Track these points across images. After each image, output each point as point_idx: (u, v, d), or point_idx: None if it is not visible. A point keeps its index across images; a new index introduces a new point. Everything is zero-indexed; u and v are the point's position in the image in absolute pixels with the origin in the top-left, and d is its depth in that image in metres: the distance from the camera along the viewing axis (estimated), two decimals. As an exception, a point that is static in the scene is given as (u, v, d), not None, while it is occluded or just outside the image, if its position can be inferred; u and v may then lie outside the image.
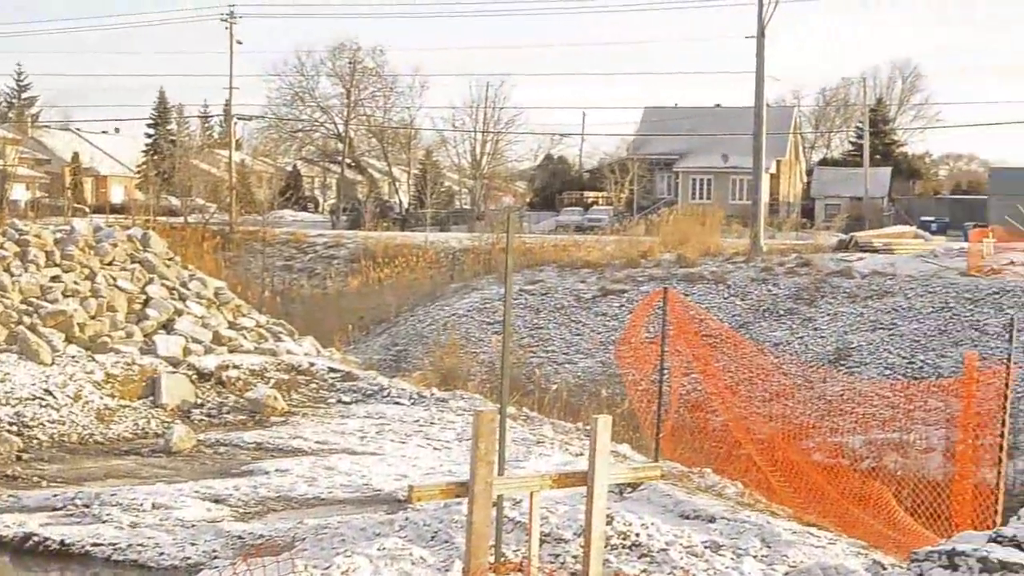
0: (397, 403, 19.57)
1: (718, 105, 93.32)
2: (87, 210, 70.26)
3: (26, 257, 21.83)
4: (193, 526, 11.82)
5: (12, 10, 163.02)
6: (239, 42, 76.90)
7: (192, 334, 21.31)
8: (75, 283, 21.63)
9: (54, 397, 17.73)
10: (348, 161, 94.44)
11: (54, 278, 21.66)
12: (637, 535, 10.60)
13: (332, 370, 21.45)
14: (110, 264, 22.57)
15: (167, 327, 21.49)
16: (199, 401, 18.85)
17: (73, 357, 19.40)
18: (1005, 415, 11.82)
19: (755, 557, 10.44)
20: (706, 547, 10.55)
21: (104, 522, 11.99)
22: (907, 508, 13.81)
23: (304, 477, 14.08)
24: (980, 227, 60.73)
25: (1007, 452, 12.09)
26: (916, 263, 45.50)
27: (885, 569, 9.10)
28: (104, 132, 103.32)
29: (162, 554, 10.98)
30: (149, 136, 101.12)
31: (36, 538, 11.56)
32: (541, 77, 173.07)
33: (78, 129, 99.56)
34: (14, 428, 16.38)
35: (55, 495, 13.20)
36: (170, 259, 24.17)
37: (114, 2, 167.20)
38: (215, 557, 10.78)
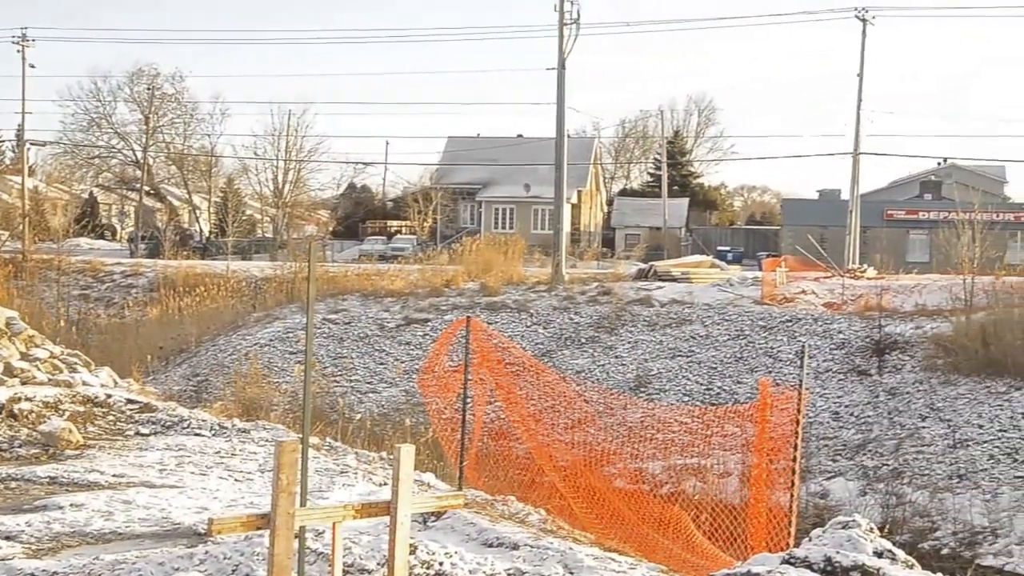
0: (198, 434, 19.19)
1: (520, 135, 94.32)
2: None
3: None
4: (-18, 565, 11.41)
5: None
6: (32, 66, 74.87)
7: (-18, 366, 20.60)
8: None
9: None
10: (147, 188, 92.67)
11: None
12: (441, 564, 10.59)
13: (130, 401, 20.92)
14: None
15: (-45, 359, 20.74)
16: (-11, 435, 18.22)
17: None
18: (797, 439, 12.13)
19: (558, 583, 10.51)
20: (509, 575, 10.59)
21: None
22: (705, 532, 14.08)
23: (100, 511, 13.69)
24: (773, 257, 62.70)
25: (799, 475, 12.41)
26: (713, 292, 46.64)
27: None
28: None
29: (-52, 595, 10.57)
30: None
31: None
32: (344, 106, 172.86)
33: None
34: None
35: None
36: (-41, 288, 23.36)
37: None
38: (5, 596, 10.42)
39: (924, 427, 30.96)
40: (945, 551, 24.05)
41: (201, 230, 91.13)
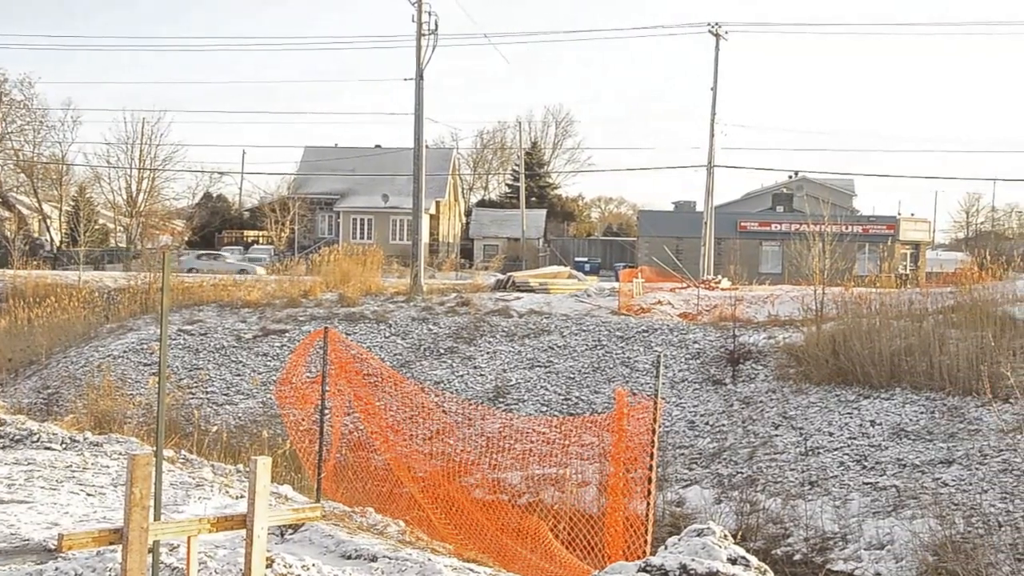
0: (48, 448, 18.78)
1: (378, 146, 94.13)
2: None
3: None
4: None
5: None
6: None
7: None
8: None
9: None
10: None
11: None
12: (298, 577, 10.50)
13: (-23, 415, 20.42)
14: None
15: None
16: None
17: None
18: (654, 448, 12.25)
19: (417, 595, 10.49)
20: (368, 587, 10.55)
21: None
22: (564, 541, 14.16)
23: (-55, 529, 13.33)
24: (630, 267, 63.50)
25: (656, 484, 12.54)
26: (570, 302, 47.01)
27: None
28: None
29: None
30: None
31: None
32: (199, 114, 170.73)
33: None
34: None
35: None
36: None
37: None
38: None
39: (777, 435, 31.47)
40: (797, 556, 24.46)
41: (52, 239, 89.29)
